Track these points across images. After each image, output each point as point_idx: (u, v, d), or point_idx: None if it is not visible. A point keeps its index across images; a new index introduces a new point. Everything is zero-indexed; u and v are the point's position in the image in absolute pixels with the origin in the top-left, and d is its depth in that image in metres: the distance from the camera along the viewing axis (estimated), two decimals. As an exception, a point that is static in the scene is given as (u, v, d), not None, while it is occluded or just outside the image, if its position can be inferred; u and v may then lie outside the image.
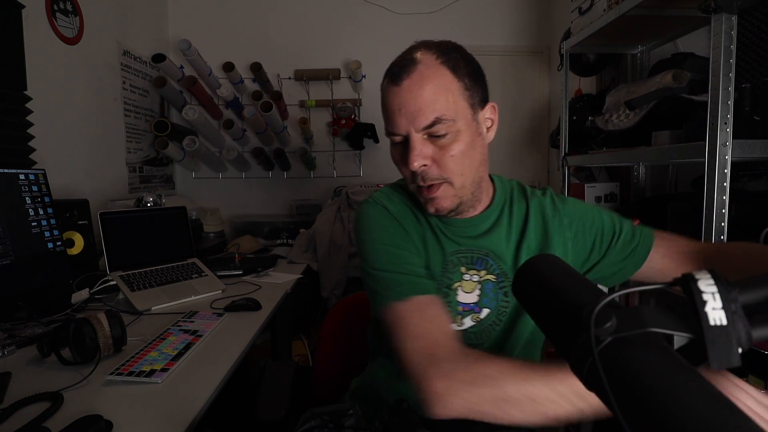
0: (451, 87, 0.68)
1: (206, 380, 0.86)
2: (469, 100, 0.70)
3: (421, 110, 0.66)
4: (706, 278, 0.27)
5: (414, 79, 0.66)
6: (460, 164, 0.70)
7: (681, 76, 1.40)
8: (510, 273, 0.77)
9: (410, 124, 0.67)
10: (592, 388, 0.30)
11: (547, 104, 3.02)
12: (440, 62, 0.68)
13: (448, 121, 0.67)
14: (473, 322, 0.75)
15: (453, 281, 0.75)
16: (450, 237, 0.77)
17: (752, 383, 0.93)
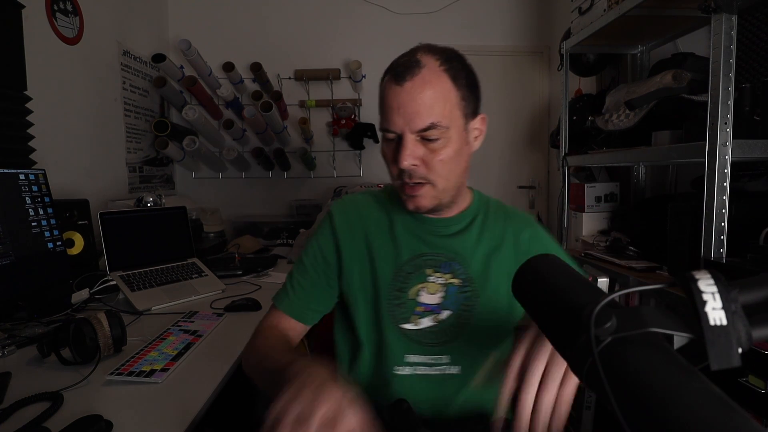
0: (449, 95, 0.70)
1: (206, 380, 0.86)
2: (464, 109, 0.73)
3: (419, 113, 0.68)
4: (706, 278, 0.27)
5: (416, 81, 0.68)
6: (447, 169, 0.73)
7: (681, 76, 1.40)
8: (476, 279, 0.79)
9: (406, 124, 0.69)
10: (592, 388, 0.30)
11: (547, 104, 3.02)
12: (443, 69, 0.70)
13: (442, 127, 0.69)
14: (433, 322, 0.78)
15: (417, 282, 0.79)
16: (420, 236, 0.81)
17: (752, 383, 0.93)
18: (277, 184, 2.89)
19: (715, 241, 1.13)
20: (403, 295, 0.79)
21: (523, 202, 3.11)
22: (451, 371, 0.79)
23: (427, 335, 0.78)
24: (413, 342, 0.78)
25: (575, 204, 1.97)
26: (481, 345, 0.79)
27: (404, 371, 0.78)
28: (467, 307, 0.78)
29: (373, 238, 0.82)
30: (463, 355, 0.78)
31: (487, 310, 0.78)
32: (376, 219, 0.84)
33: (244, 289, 1.54)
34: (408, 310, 0.79)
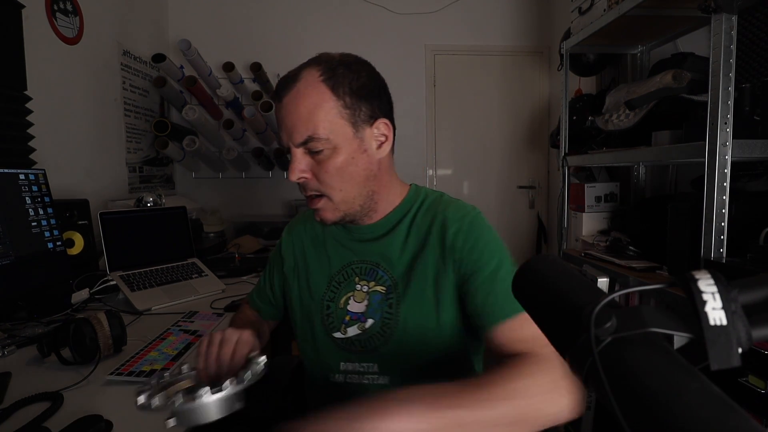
0: (326, 105, 0.69)
1: (206, 380, 0.86)
2: (350, 118, 0.70)
3: (296, 127, 0.69)
4: (706, 278, 0.27)
5: (291, 96, 0.69)
6: (338, 179, 0.71)
7: (681, 76, 1.40)
8: (400, 282, 0.76)
9: (289, 138, 0.70)
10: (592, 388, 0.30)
11: (547, 104, 3.02)
12: (321, 80, 0.69)
13: (321, 138, 0.68)
14: (359, 330, 0.78)
15: (346, 291, 0.80)
16: (346, 244, 0.82)
17: (752, 383, 0.93)
18: (277, 184, 2.89)
19: (715, 241, 1.13)
20: (332, 304, 0.80)
21: (523, 202, 3.11)
22: (380, 381, 0.76)
23: (354, 344, 0.77)
24: (343, 350, 0.78)
25: (575, 204, 1.97)
26: (408, 355, 0.74)
27: (339, 379, 0.79)
28: (390, 315, 0.75)
29: (308, 252, 0.86)
30: (390, 365, 0.76)
31: (412, 317, 0.74)
32: (312, 232, 0.88)
33: (244, 289, 1.54)
34: (337, 320, 0.79)
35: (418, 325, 0.74)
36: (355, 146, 0.72)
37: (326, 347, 0.79)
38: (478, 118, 3.01)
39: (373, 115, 0.73)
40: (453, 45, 2.93)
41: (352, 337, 0.78)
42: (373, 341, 0.76)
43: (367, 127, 0.73)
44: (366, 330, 0.77)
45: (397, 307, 0.76)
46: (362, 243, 0.81)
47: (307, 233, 0.89)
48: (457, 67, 2.96)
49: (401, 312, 0.75)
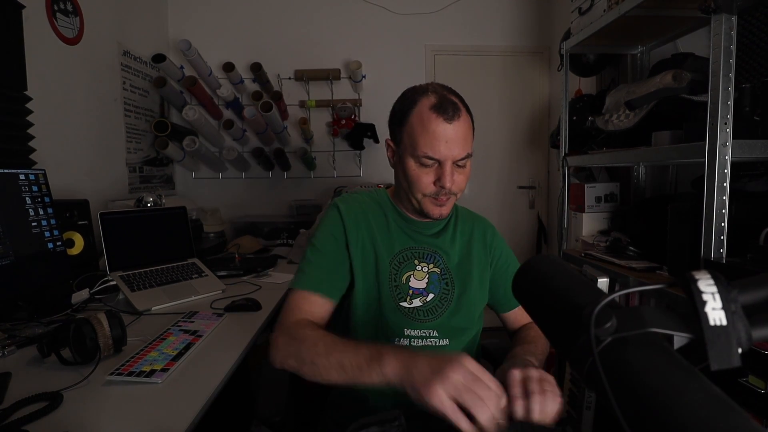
0: (472, 132, 0.91)
1: (206, 380, 0.86)
2: (472, 140, 0.92)
3: (461, 147, 0.87)
4: (706, 278, 0.27)
5: (461, 122, 0.87)
6: (464, 185, 0.93)
7: (681, 76, 1.40)
8: (453, 269, 0.98)
9: (449, 153, 0.86)
10: (592, 388, 0.30)
11: (547, 104, 3.02)
12: (467, 113, 0.90)
13: (470, 156, 0.90)
14: (421, 303, 0.94)
15: (407, 270, 0.96)
16: (408, 233, 0.99)
17: (752, 383, 0.93)
18: (277, 184, 2.89)
19: (715, 241, 1.13)
20: (398, 277, 0.95)
21: (523, 202, 3.11)
22: (441, 344, 0.93)
23: (418, 313, 0.93)
24: (408, 318, 0.92)
25: (575, 204, 1.97)
26: (460, 321, 0.95)
27: (403, 342, 0.91)
28: (447, 291, 0.96)
29: (375, 229, 0.97)
30: (448, 330, 0.94)
31: (464, 294, 0.97)
32: (375, 214, 1.00)
33: (244, 289, 1.54)
34: (404, 291, 0.94)
35: (468, 299, 0.97)
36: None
37: (393, 314, 0.92)
38: (478, 119, 2.96)
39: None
40: (453, 45, 2.93)
41: (417, 308, 0.94)
42: (433, 311, 0.94)
43: None
44: (427, 302, 0.94)
45: (452, 284, 0.97)
46: (422, 235, 0.99)
47: (371, 213, 0.99)
48: (457, 67, 2.96)
49: (456, 288, 0.97)
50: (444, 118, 0.85)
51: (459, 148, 0.87)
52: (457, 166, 0.89)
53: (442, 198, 0.90)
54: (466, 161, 0.90)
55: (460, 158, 0.88)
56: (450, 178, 0.87)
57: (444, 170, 0.87)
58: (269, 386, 0.93)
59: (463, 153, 0.88)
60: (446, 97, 0.88)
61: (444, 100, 0.87)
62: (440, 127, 0.85)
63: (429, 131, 0.86)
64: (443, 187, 0.88)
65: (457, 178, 0.90)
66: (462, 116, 0.87)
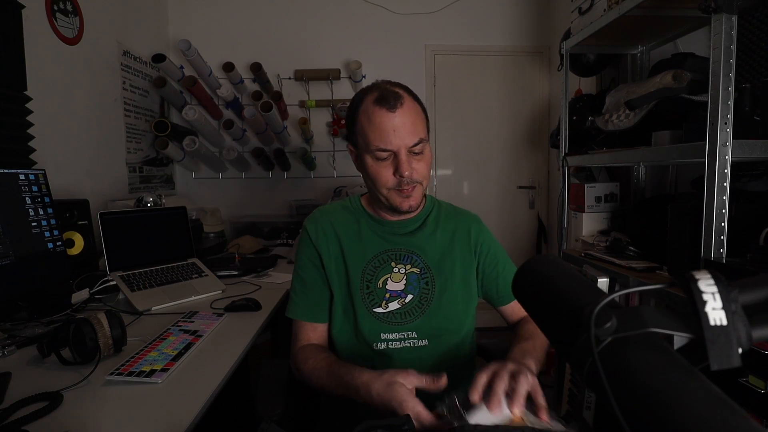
0: (422, 116, 0.92)
1: (206, 380, 0.86)
2: (426, 127, 0.93)
3: (411, 133, 0.87)
4: (706, 278, 0.27)
5: (404, 108, 0.87)
6: (427, 171, 0.93)
7: (681, 76, 1.40)
8: (432, 267, 0.97)
9: (401, 141, 0.87)
10: (592, 388, 0.30)
11: (547, 104, 3.02)
12: (414, 99, 0.91)
13: (424, 141, 0.90)
14: (399, 305, 0.94)
15: (384, 273, 0.96)
16: (382, 236, 0.99)
17: (752, 383, 0.93)
18: (277, 184, 2.89)
19: (715, 241, 1.13)
20: (372, 285, 0.95)
21: (523, 202, 3.11)
22: (420, 344, 0.94)
23: (396, 316, 0.94)
24: (383, 322, 0.93)
25: (575, 204, 1.97)
26: (441, 321, 0.95)
27: (381, 347, 0.93)
28: (427, 290, 0.95)
29: (343, 240, 0.98)
30: (427, 331, 0.94)
31: (444, 292, 0.96)
32: (345, 223, 1.00)
33: (244, 289, 1.54)
34: (378, 297, 0.94)
35: (450, 297, 0.96)
36: (430, 149, 0.95)
37: (367, 321, 0.93)
38: (478, 118, 3.01)
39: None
40: (453, 45, 2.93)
41: (393, 311, 0.94)
42: (412, 313, 0.94)
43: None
44: (406, 304, 0.94)
45: (432, 283, 0.96)
46: (397, 236, 0.99)
47: (340, 224, 1.00)
48: (457, 67, 2.96)
49: (437, 287, 0.95)
50: (387, 108, 0.86)
51: (409, 134, 0.87)
52: (413, 153, 0.89)
53: (405, 189, 0.90)
54: (422, 147, 0.90)
55: (413, 144, 0.88)
56: (407, 165, 0.87)
57: (399, 159, 0.87)
58: (268, 384, 0.93)
59: (415, 139, 0.88)
60: (388, 89, 0.89)
61: (386, 92, 0.88)
62: (385, 118, 0.86)
63: (375, 124, 0.87)
64: (402, 176, 0.88)
65: (417, 165, 0.90)
66: (405, 103, 0.88)
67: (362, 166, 0.93)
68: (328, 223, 1.00)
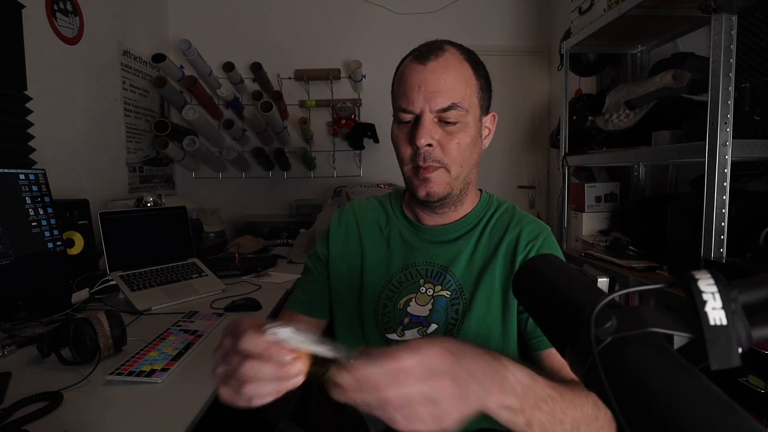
0: (471, 81, 0.71)
1: (206, 380, 0.86)
2: (481, 100, 0.74)
3: (441, 92, 0.67)
4: (706, 278, 0.27)
5: (440, 62, 0.68)
6: (462, 155, 0.71)
7: (681, 76, 1.40)
8: (467, 289, 0.75)
9: (426, 102, 0.68)
10: (591, 388, 0.30)
11: (547, 104, 3.02)
12: (464, 58, 0.72)
13: (461, 109, 0.69)
14: (419, 335, 0.74)
15: (409, 292, 0.76)
16: (413, 244, 0.79)
17: (752, 383, 0.93)
18: (277, 184, 2.89)
19: (715, 241, 1.13)
20: (390, 303, 0.76)
21: (523, 202, 3.11)
22: None
23: None
24: None
25: (575, 204, 1.97)
26: None
27: None
28: (455, 321, 0.74)
29: (366, 245, 0.81)
30: None
31: (478, 326, 0.73)
32: (374, 224, 0.83)
33: (244, 289, 1.54)
34: (395, 321, 0.75)
35: (483, 334, 0.73)
36: (477, 129, 0.74)
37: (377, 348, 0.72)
38: (478, 118, 3.01)
39: (489, 105, 0.77)
40: (453, 45, 2.93)
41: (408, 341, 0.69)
42: None
43: (485, 114, 0.76)
44: (428, 335, 0.73)
45: (463, 313, 0.73)
46: (433, 245, 0.78)
47: (367, 225, 0.83)
48: (457, 67, 2.96)
49: (468, 320, 0.73)
50: (419, 60, 0.69)
51: (438, 93, 0.67)
52: (444, 122, 0.69)
53: (422, 167, 0.70)
54: (456, 116, 0.68)
55: (442, 108, 0.67)
56: (425, 131, 0.67)
57: (419, 123, 0.68)
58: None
59: (445, 101, 0.67)
60: (432, 42, 0.72)
61: (426, 44, 0.71)
62: (413, 72, 0.69)
63: (403, 80, 0.71)
64: (418, 148, 0.68)
65: (444, 140, 0.69)
66: (444, 56, 0.69)
67: (392, 136, 0.75)
68: (354, 222, 0.84)
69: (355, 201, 0.89)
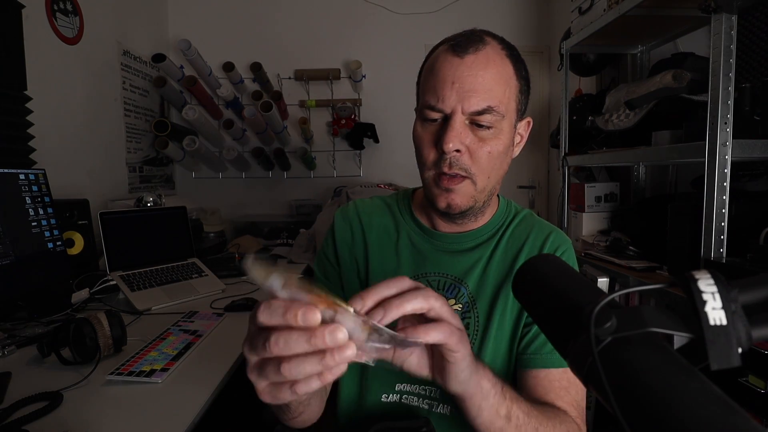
0: (511, 82, 0.63)
1: (206, 380, 0.86)
2: (519, 104, 0.66)
3: (478, 92, 0.59)
4: (706, 278, 0.27)
5: (480, 57, 0.60)
6: (491, 165, 0.63)
7: (681, 76, 1.40)
8: (480, 306, 0.69)
9: (459, 102, 0.59)
10: (592, 388, 0.30)
11: (547, 104, 3.02)
12: (506, 54, 0.64)
13: (498, 114, 0.61)
14: None
15: None
16: (425, 252, 0.72)
17: (752, 383, 0.93)
18: (277, 184, 2.89)
19: (715, 241, 1.13)
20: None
21: (523, 202, 3.11)
22: (439, 410, 0.67)
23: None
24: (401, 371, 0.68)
25: (575, 204, 1.97)
26: None
27: (392, 398, 0.69)
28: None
29: (373, 251, 0.74)
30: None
31: (489, 344, 0.68)
32: (381, 229, 0.76)
33: (244, 289, 1.54)
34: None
35: (493, 353, 0.68)
36: (511, 136, 0.66)
37: (373, 374, 0.69)
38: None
39: (526, 110, 0.69)
40: (453, 45, 2.93)
41: None
42: None
43: (520, 120, 0.68)
44: None
45: (475, 329, 0.68)
46: (446, 254, 0.71)
47: (374, 229, 0.75)
48: (457, 67, 2.96)
49: (480, 336, 0.68)
50: (456, 52, 0.60)
51: (475, 92, 0.59)
52: (477, 125, 0.61)
53: (445, 174, 0.62)
54: (492, 120, 0.60)
55: (477, 111, 0.59)
56: (454, 135, 0.59)
57: (448, 125, 0.60)
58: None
59: (481, 103, 0.59)
60: (470, 31, 0.64)
61: (463, 33, 0.63)
62: (447, 64, 0.60)
63: (434, 72, 0.62)
64: (444, 152, 0.60)
65: (474, 147, 0.61)
66: (486, 50, 0.60)
67: (414, 131, 0.67)
68: (359, 225, 0.76)
69: (358, 201, 0.82)
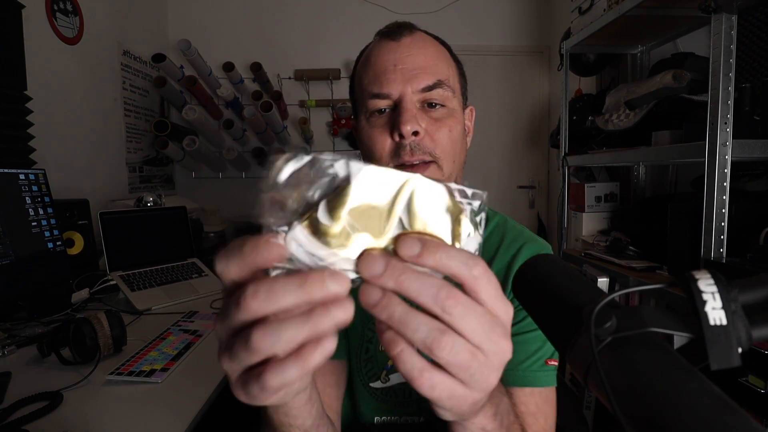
0: (451, 63, 0.62)
1: (206, 380, 0.86)
2: (461, 88, 0.64)
3: (423, 69, 0.57)
4: (706, 278, 0.27)
5: (416, 38, 0.59)
6: (454, 148, 0.59)
7: (681, 76, 1.40)
8: None
9: (407, 83, 0.57)
10: (592, 388, 0.30)
11: (547, 104, 3.02)
12: (436, 40, 0.64)
13: (448, 88, 0.58)
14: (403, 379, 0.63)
15: None
16: None
17: (752, 383, 0.93)
18: (277, 184, 2.89)
19: (715, 241, 1.13)
20: (371, 346, 0.64)
21: (523, 202, 3.11)
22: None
23: (396, 394, 0.63)
24: (381, 402, 0.63)
25: (575, 204, 1.97)
26: None
27: (381, 419, 0.66)
28: None
29: None
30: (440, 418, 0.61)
31: None
32: None
33: (244, 289, 1.54)
34: (377, 365, 0.63)
35: None
36: (462, 120, 0.62)
37: (362, 398, 0.64)
38: (478, 118, 2.97)
39: (467, 98, 0.66)
40: (453, 45, 2.89)
41: (394, 386, 0.62)
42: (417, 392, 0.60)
43: (463, 107, 0.65)
44: None
45: None
46: None
47: None
48: (457, 67, 2.96)
49: None
50: (391, 37, 0.59)
51: (419, 68, 0.57)
52: (429, 105, 0.58)
53: (407, 162, 0.56)
54: (442, 96, 0.58)
55: (426, 86, 0.57)
56: (411, 116, 0.55)
57: (401, 108, 0.56)
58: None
59: (429, 79, 0.57)
60: (399, 21, 0.63)
61: (394, 23, 0.62)
62: (385, 50, 0.59)
63: (372, 62, 0.59)
64: (402, 136, 0.55)
65: (431, 127, 0.57)
66: (417, 32, 0.60)
67: (358, 136, 0.64)
68: None
69: None
